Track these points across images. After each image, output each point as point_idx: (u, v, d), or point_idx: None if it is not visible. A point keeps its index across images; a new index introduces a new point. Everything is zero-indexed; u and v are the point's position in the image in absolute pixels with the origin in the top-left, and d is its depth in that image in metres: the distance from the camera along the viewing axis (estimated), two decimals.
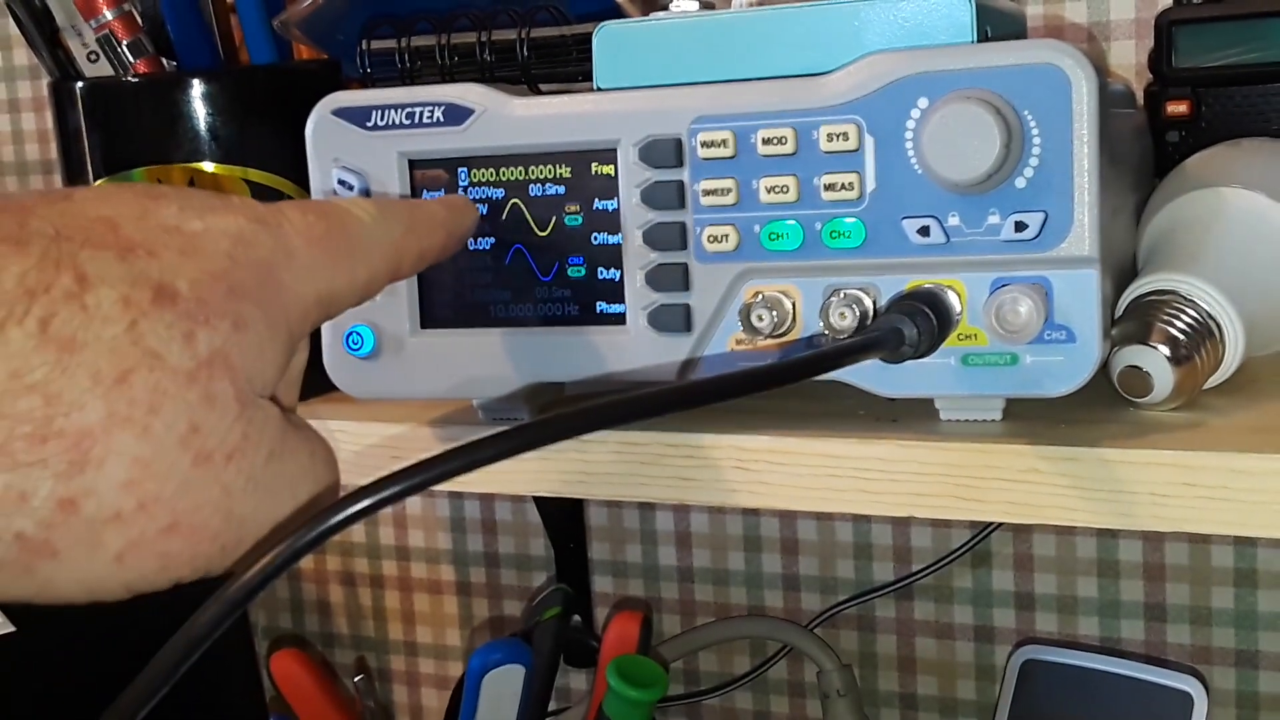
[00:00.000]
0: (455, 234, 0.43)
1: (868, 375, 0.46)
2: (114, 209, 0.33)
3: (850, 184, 0.46)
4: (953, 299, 0.45)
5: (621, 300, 0.49)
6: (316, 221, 0.37)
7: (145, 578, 0.32)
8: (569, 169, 0.49)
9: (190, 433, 0.32)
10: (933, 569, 0.83)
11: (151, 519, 0.31)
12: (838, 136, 0.45)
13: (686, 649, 0.89)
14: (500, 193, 0.50)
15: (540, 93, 0.53)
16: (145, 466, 0.31)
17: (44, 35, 0.65)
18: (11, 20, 0.67)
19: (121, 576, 0.32)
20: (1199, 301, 0.47)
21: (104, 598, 0.33)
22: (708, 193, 0.47)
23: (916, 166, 0.45)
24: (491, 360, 0.51)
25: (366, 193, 0.51)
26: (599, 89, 0.50)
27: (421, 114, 0.50)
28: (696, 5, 0.50)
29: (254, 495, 0.33)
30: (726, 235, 0.47)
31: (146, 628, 0.35)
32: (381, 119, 0.51)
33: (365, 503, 0.32)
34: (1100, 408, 0.48)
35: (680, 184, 0.48)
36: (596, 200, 0.49)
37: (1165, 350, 0.46)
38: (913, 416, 0.48)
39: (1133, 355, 0.46)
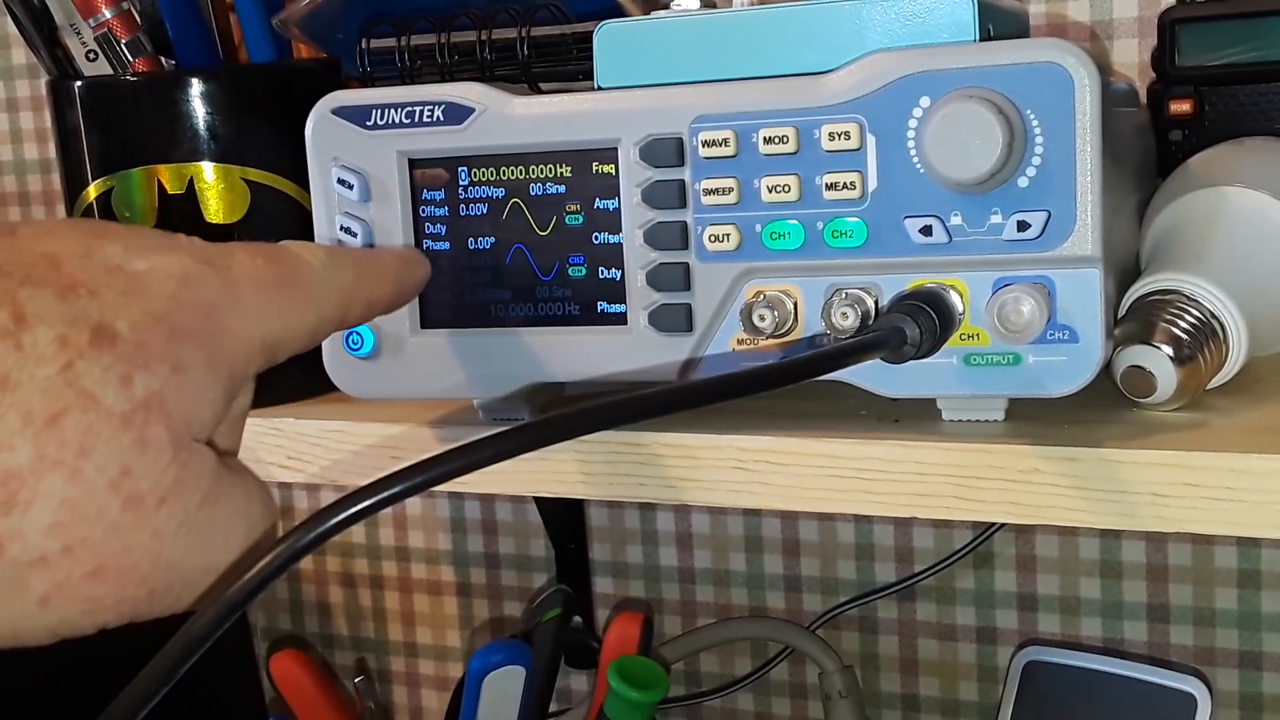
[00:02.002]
0: (406, 286, 0.43)
1: (870, 375, 0.46)
2: (57, 245, 0.33)
3: (852, 183, 0.45)
4: (955, 299, 0.45)
5: (622, 300, 0.49)
6: (265, 265, 0.36)
7: (69, 621, 0.32)
8: (569, 168, 0.49)
9: (121, 476, 0.31)
10: (935, 570, 0.83)
11: (77, 563, 0.31)
12: (839, 135, 0.45)
13: (687, 650, 0.89)
14: (500, 192, 0.50)
15: (541, 92, 0.53)
16: (73, 509, 0.31)
17: (42, 34, 0.65)
18: (10, 19, 0.67)
19: (45, 620, 0.32)
20: (1202, 301, 0.47)
21: (27, 642, 0.32)
22: (709, 192, 0.47)
23: (918, 166, 0.45)
24: (491, 360, 0.50)
25: (366, 191, 0.51)
26: (600, 88, 0.50)
27: (421, 113, 0.50)
28: (698, 4, 0.50)
29: (185, 540, 0.33)
30: (728, 235, 0.47)
31: (145, 630, 0.35)
32: (381, 118, 0.51)
33: (365, 503, 0.32)
34: (1103, 408, 0.47)
35: (681, 183, 0.47)
36: (597, 199, 0.49)
37: (1168, 350, 0.46)
38: (915, 417, 0.48)
39: (1136, 355, 0.46)
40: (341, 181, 0.51)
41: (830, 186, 0.46)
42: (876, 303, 0.46)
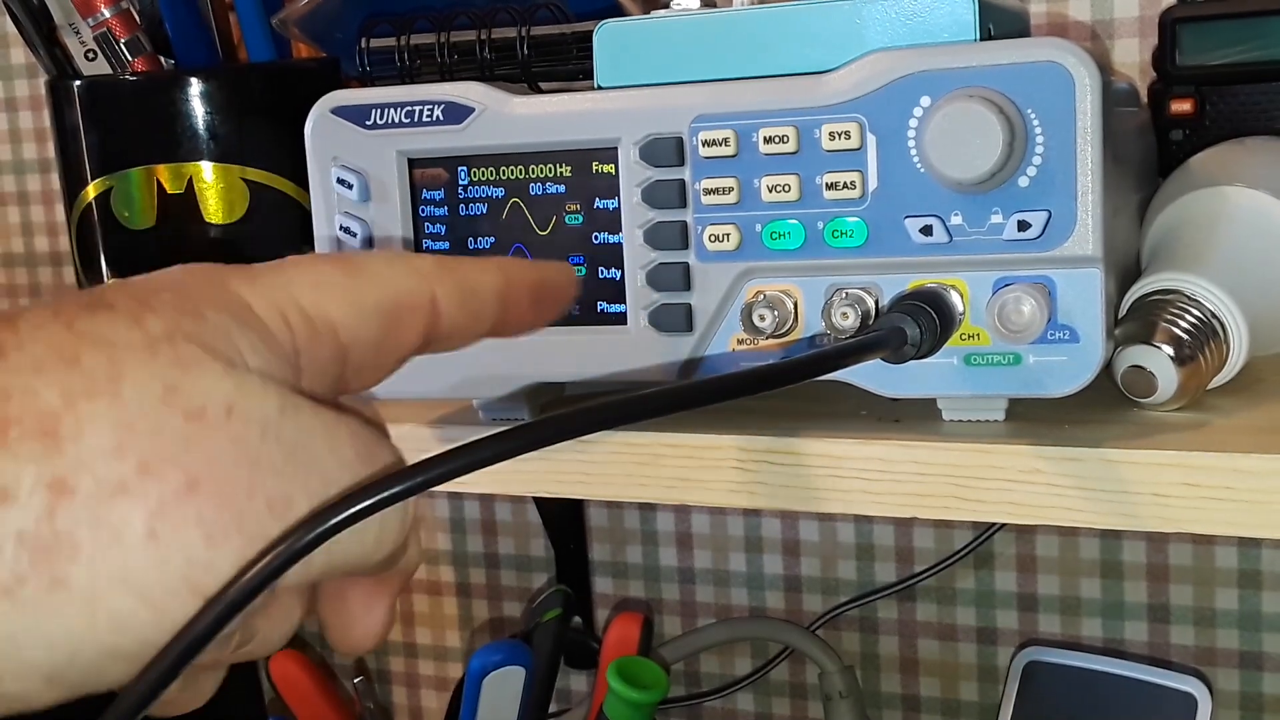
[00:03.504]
0: (516, 279, 0.37)
1: (870, 375, 0.46)
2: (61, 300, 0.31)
3: (852, 183, 0.45)
4: (955, 299, 0.45)
5: (622, 300, 0.49)
6: (309, 256, 0.34)
7: (193, 557, 0.28)
8: (569, 168, 0.49)
9: (168, 393, 0.29)
10: (935, 570, 0.83)
11: (162, 480, 0.28)
12: (840, 135, 0.45)
13: (687, 650, 0.89)
14: (500, 192, 0.50)
15: (540, 91, 0.53)
16: (130, 428, 0.28)
17: (41, 33, 0.65)
18: (9, 18, 0.67)
19: (166, 559, 0.28)
20: (1203, 301, 0.47)
21: (171, 600, 0.29)
22: (709, 192, 0.47)
23: (919, 165, 0.44)
24: (491, 360, 0.50)
25: (366, 191, 0.51)
26: (600, 87, 0.50)
27: (421, 113, 0.50)
28: (698, 3, 0.50)
29: (278, 446, 0.30)
30: (728, 234, 0.47)
31: None
32: (381, 118, 0.50)
33: (365, 503, 0.32)
34: (1103, 408, 0.47)
35: (681, 183, 0.47)
36: (597, 199, 0.49)
37: (1169, 350, 0.46)
38: (915, 417, 0.48)
39: (1136, 355, 0.46)
40: (341, 181, 0.51)
41: (830, 186, 0.46)
42: (877, 303, 0.46)
